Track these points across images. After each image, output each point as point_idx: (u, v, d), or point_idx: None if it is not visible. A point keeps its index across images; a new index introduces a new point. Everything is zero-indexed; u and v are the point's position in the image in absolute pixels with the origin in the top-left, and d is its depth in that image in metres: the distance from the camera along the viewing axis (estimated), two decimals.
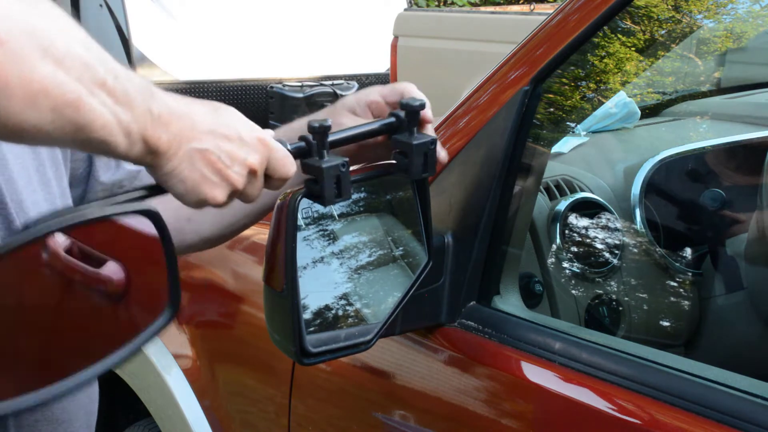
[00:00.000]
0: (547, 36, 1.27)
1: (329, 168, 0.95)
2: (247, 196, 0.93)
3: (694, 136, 2.13)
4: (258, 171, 0.91)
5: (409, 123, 1.02)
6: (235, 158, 0.89)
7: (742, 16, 2.05)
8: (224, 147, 0.89)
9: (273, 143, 0.93)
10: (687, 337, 1.76)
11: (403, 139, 1.03)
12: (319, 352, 1.04)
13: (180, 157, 0.86)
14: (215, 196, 0.89)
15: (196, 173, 0.87)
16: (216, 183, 0.88)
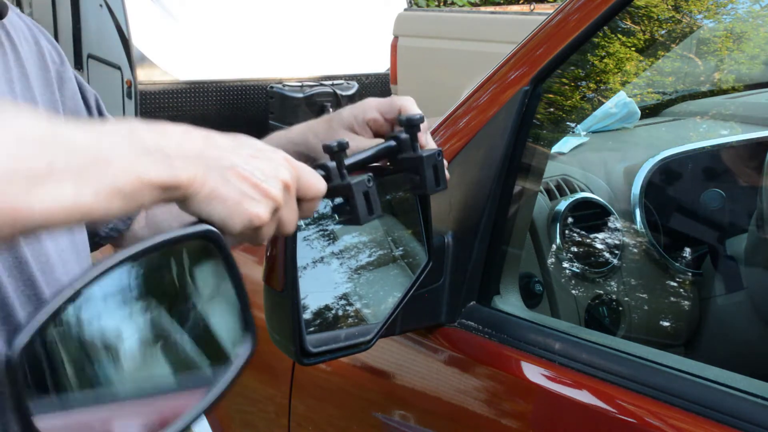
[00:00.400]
0: (547, 36, 1.27)
1: (358, 184, 0.92)
2: (284, 219, 0.86)
3: (694, 136, 2.13)
4: (291, 189, 0.85)
5: (412, 139, 1.00)
6: (267, 173, 0.83)
7: (742, 16, 2.05)
8: (254, 162, 0.83)
9: (297, 162, 0.89)
10: (687, 337, 1.76)
11: (409, 156, 1.01)
12: (319, 352, 1.04)
13: (214, 179, 0.81)
14: (259, 214, 0.82)
15: (234, 191, 0.81)
16: (257, 199, 0.82)
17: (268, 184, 0.83)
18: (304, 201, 0.88)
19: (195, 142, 0.83)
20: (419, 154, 1.00)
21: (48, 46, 1.18)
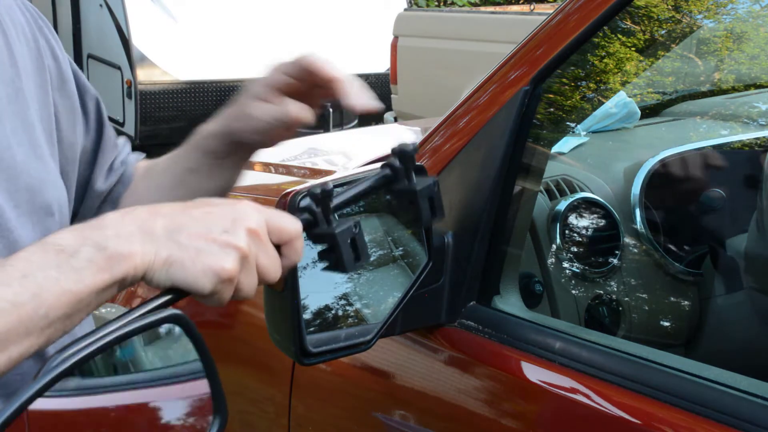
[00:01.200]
0: (547, 36, 1.27)
1: (343, 233, 0.89)
2: (262, 267, 0.84)
3: (694, 136, 2.13)
4: (261, 233, 0.83)
5: (406, 170, 0.97)
6: (225, 225, 0.82)
7: (742, 16, 2.05)
8: (207, 219, 0.82)
9: (264, 207, 0.86)
10: (687, 337, 1.77)
11: (403, 187, 0.97)
12: (319, 352, 1.04)
13: (165, 247, 0.80)
14: (224, 265, 0.79)
15: (189, 251, 0.80)
16: (217, 252, 0.80)
17: (228, 235, 0.81)
18: (284, 245, 0.86)
19: (136, 219, 0.81)
20: (413, 188, 0.96)
21: (46, 44, 1.16)
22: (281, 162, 2.51)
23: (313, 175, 2.24)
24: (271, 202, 1.93)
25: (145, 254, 0.79)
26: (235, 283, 0.82)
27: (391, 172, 0.96)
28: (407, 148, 0.96)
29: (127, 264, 0.78)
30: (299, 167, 2.42)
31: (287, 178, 2.36)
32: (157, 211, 0.82)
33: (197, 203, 0.85)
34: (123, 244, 0.78)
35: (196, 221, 0.81)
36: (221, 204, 0.84)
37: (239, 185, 1.29)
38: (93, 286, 0.77)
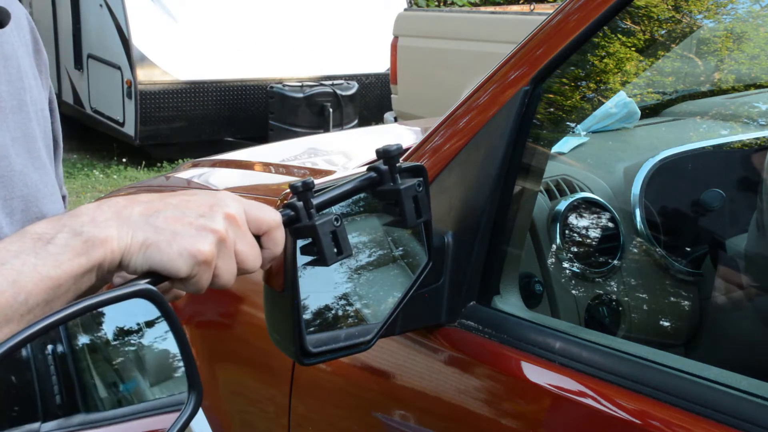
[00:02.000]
0: (547, 36, 1.27)
1: (323, 224, 0.90)
2: (240, 254, 0.84)
3: (694, 136, 2.13)
4: (239, 220, 0.83)
5: (391, 171, 0.97)
6: (202, 210, 0.82)
7: (742, 16, 2.05)
8: (185, 205, 0.82)
9: (243, 198, 0.87)
10: (687, 337, 1.76)
11: (387, 188, 0.98)
12: (319, 352, 1.04)
13: (142, 230, 0.80)
14: (200, 248, 0.80)
15: (166, 234, 0.80)
16: (194, 235, 0.80)
17: (206, 219, 0.81)
18: (264, 235, 0.86)
19: (113, 206, 0.81)
20: (397, 187, 0.97)
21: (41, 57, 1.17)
22: (281, 162, 2.52)
23: (313, 175, 2.24)
24: (272, 202, 1.94)
25: (121, 238, 0.79)
26: (213, 267, 0.82)
27: (376, 174, 0.97)
28: (391, 149, 0.96)
29: (103, 248, 0.78)
30: (299, 167, 2.42)
31: (287, 178, 2.36)
32: (134, 199, 0.83)
33: (176, 192, 0.85)
34: (99, 229, 0.79)
35: (174, 207, 0.82)
36: (200, 192, 0.85)
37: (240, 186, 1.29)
38: (71, 270, 0.77)
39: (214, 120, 7.65)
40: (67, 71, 8.45)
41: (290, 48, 7.77)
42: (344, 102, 7.48)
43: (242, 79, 7.69)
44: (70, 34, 8.22)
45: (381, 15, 7.72)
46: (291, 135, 6.76)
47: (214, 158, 2.71)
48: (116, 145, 8.11)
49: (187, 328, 1.87)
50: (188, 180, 2.43)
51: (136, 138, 7.51)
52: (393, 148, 0.97)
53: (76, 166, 7.75)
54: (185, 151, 7.46)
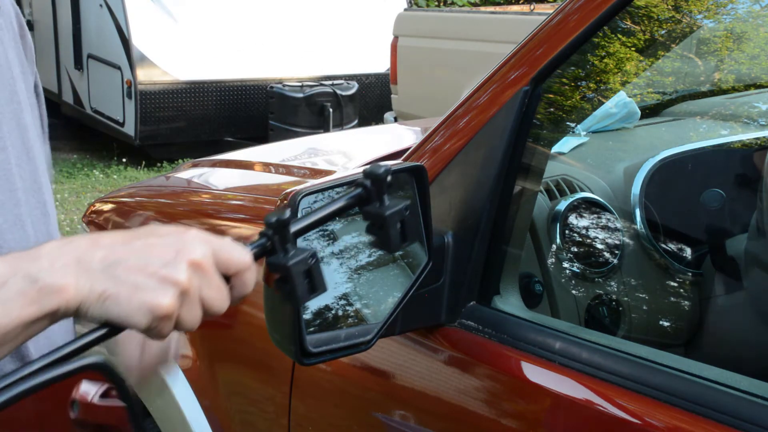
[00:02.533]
0: (547, 36, 1.27)
1: (296, 264, 0.85)
2: (207, 299, 0.81)
3: (694, 136, 2.13)
4: (205, 266, 0.80)
5: (378, 192, 0.92)
6: (166, 258, 0.79)
7: (742, 16, 2.05)
8: (148, 251, 0.79)
9: (213, 237, 0.83)
10: (687, 337, 1.76)
11: (373, 210, 0.93)
12: (319, 352, 1.04)
13: (100, 280, 0.77)
14: (160, 302, 0.77)
15: (125, 286, 0.77)
16: (154, 287, 0.77)
17: (169, 268, 0.78)
18: (233, 277, 0.84)
19: (75, 250, 0.79)
20: (382, 212, 0.92)
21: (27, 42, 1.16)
22: (281, 162, 2.52)
23: (313, 175, 2.24)
24: (272, 202, 1.94)
25: (79, 288, 0.76)
26: (175, 318, 0.79)
27: (364, 191, 0.93)
28: (378, 171, 0.92)
29: (58, 297, 0.76)
30: (299, 167, 2.42)
31: (287, 178, 2.36)
32: (97, 242, 0.80)
33: (141, 233, 0.82)
34: (56, 276, 0.76)
35: (137, 254, 0.79)
36: (166, 234, 0.82)
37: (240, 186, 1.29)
38: (19, 319, 0.75)
39: (214, 120, 7.65)
40: (67, 71, 8.45)
41: (290, 48, 7.77)
42: (344, 102, 7.48)
43: (242, 79, 7.69)
44: (70, 34, 8.21)
45: (381, 15, 7.71)
46: (291, 135, 6.76)
47: (214, 158, 2.71)
48: (116, 145, 8.10)
49: None
50: (188, 180, 2.43)
51: (136, 138, 7.50)
52: (380, 170, 0.92)
53: (76, 166, 7.75)
54: (185, 151, 7.45)
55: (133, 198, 2.35)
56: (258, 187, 2.32)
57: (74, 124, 8.56)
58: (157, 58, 7.38)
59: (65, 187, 7.01)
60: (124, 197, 2.38)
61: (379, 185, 0.92)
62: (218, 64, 7.56)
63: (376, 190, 0.92)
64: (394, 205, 0.93)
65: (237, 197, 2.16)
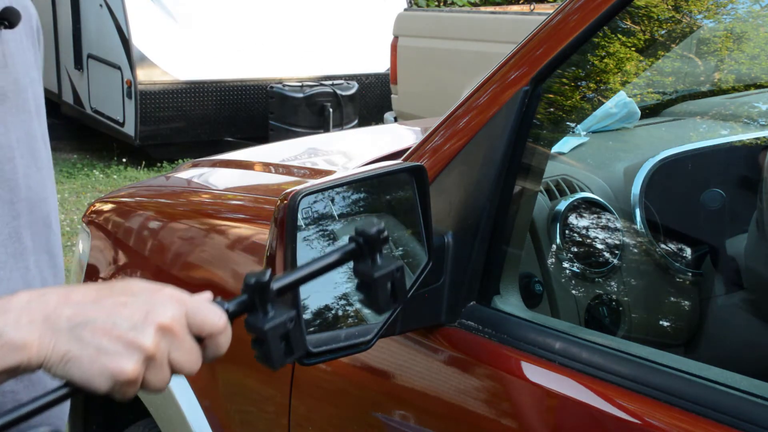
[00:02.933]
0: (547, 36, 1.27)
1: (273, 328, 0.83)
2: (176, 363, 0.79)
3: (694, 136, 2.13)
4: (175, 329, 0.79)
5: (370, 250, 0.90)
6: (135, 320, 0.77)
7: (742, 16, 2.05)
8: (118, 311, 0.77)
9: (188, 297, 0.82)
10: (687, 337, 1.76)
11: (364, 269, 0.90)
12: (319, 352, 1.04)
13: (64, 341, 0.76)
14: (123, 368, 0.75)
15: (89, 349, 0.76)
16: (119, 352, 0.76)
17: (136, 331, 0.77)
18: (206, 338, 0.82)
19: (44, 307, 0.77)
20: (372, 273, 0.89)
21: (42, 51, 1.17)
22: (281, 162, 2.51)
23: (313, 175, 2.24)
24: (272, 202, 1.94)
25: (42, 346, 0.76)
26: (139, 382, 0.78)
27: (356, 248, 0.90)
28: (369, 231, 0.89)
29: (20, 354, 0.75)
30: (299, 167, 2.42)
31: (287, 178, 2.36)
32: (68, 298, 0.79)
33: (114, 289, 0.81)
34: (21, 332, 0.75)
35: (106, 314, 0.77)
36: (139, 293, 0.80)
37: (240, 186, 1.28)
38: None
39: (214, 120, 7.65)
40: (67, 71, 8.44)
41: (290, 48, 7.76)
42: (344, 102, 7.48)
43: (242, 79, 7.69)
44: (70, 34, 8.21)
45: (381, 15, 7.71)
46: (291, 135, 6.76)
47: (214, 158, 2.71)
48: (116, 145, 8.10)
49: None
50: (188, 180, 2.43)
51: (136, 138, 7.50)
52: (373, 230, 0.89)
53: (76, 166, 7.75)
54: (185, 151, 7.45)
55: (133, 198, 2.35)
56: (258, 187, 2.32)
57: (74, 124, 8.56)
58: (157, 58, 7.38)
59: (65, 187, 7.01)
60: (124, 197, 2.38)
61: (372, 244, 0.90)
62: (218, 64, 7.56)
63: (368, 249, 0.90)
64: (385, 265, 0.90)
65: (237, 197, 2.16)
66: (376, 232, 0.89)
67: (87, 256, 2.32)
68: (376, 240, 0.89)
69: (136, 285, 0.81)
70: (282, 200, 1.05)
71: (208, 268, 1.87)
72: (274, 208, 1.08)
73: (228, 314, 0.84)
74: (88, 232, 2.35)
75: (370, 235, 0.89)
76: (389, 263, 0.90)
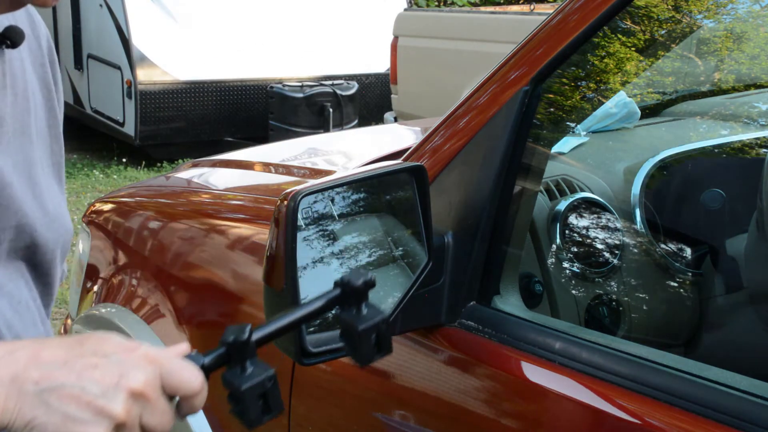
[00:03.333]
0: (547, 36, 1.27)
1: (251, 388, 0.80)
2: (147, 428, 0.77)
3: (694, 136, 2.13)
4: (148, 394, 0.76)
5: (356, 299, 0.86)
6: (106, 384, 0.74)
7: (742, 16, 2.05)
8: (89, 374, 0.74)
9: (163, 356, 0.79)
10: (687, 337, 1.76)
11: (348, 318, 0.86)
12: (319, 352, 1.04)
13: (31, 406, 0.73)
14: None
15: (56, 416, 0.73)
16: (88, 420, 0.73)
17: (106, 398, 0.74)
18: (181, 399, 0.79)
19: (12, 366, 0.74)
20: (356, 325, 0.86)
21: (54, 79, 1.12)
22: (281, 162, 2.52)
23: (313, 175, 2.24)
24: (272, 202, 1.94)
25: (6, 410, 0.73)
26: None
27: (342, 294, 0.86)
28: (355, 281, 0.85)
29: None
30: (299, 167, 2.42)
31: (287, 178, 2.36)
32: (37, 358, 0.75)
33: (86, 348, 0.77)
34: None
35: (75, 377, 0.74)
36: (111, 353, 0.77)
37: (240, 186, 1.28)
38: None
39: (214, 120, 7.65)
40: (67, 71, 8.45)
41: (290, 48, 7.77)
42: (344, 102, 7.48)
43: (242, 79, 7.69)
44: (70, 34, 8.21)
45: (381, 15, 7.72)
46: (291, 135, 6.76)
47: (214, 158, 2.71)
48: (116, 145, 8.11)
49: (186, 328, 1.87)
50: (188, 180, 2.43)
51: (136, 138, 7.51)
52: (359, 281, 0.85)
53: (76, 166, 7.75)
54: (185, 151, 7.46)
55: (133, 198, 2.35)
56: (258, 187, 2.32)
57: (74, 124, 8.56)
58: (157, 58, 7.38)
59: (65, 187, 7.01)
60: (124, 197, 2.38)
61: (358, 295, 0.86)
62: (218, 64, 7.56)
63: (354, 298, 0.86)
64: (371, 316, 0.86)
65: (237, 197, 2.16)
66: (363, 284, 0.86)
67: (87, 256, 2.32)
68: (361, 291, 0.86)
69: (109, 343, 0.78)
70: (282, 200, 1.05)
71: (208, 268, 1.87)
72: (274, 208, 1.08)
73: (204, 370, 0.81)
74: (88, 232, 2.35)
75: (356, 287, 0.85)
76: (375, 315, 0.86)
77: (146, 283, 2.04)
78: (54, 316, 4.61)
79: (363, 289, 0.86)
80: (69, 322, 2.43)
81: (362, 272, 0.86)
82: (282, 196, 1.06)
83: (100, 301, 2.19)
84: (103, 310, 2.14)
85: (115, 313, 2.07)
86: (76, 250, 2.43)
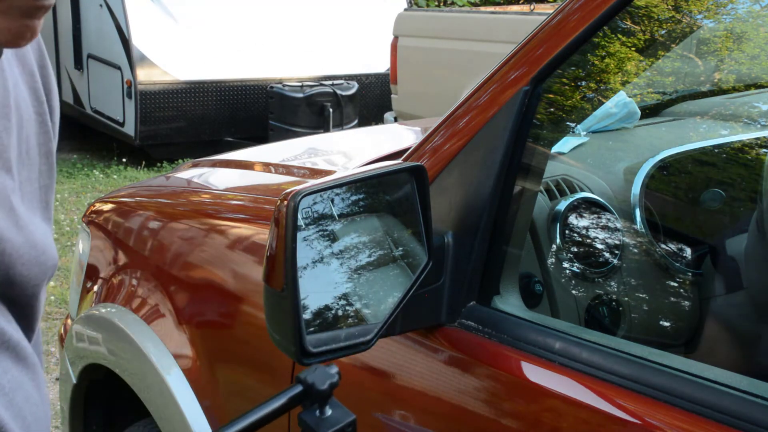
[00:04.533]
0: (547, 36, 1.27)
1: None
2: None
3: (694, 136, 2.13)
4: None
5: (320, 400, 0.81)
6: None
7: (742, 16, 2.05)
8: None
9: None
10: (687, 337, 1.76)
11: (310, 420, 0.81)
12: (319, 352, 1.04)
13: None
14: None
15: None
16: None
17: None
18: None
19: None
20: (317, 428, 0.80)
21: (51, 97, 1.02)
22: (281, 162, 2.51)
23: (313, 175, 2.24)
24: (272, 202, 1.94)
25: None
26: None
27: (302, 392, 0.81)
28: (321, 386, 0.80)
29: None
30: (299, 167, 2.42)
31: (287, 178, 2.36)
32: None
33: None
34: None
35: None
36: None
37: (240, 186, 1.28)
38: None
39: (214, 120, 7.65)
40: (67, 71, 8.45)
41: (290, 48, 7.77)
42: (344, 102, 7.48)
43: (242, 79, 7.70)
44: (70, 34, 8.22)
45: (381, 15, 7.72)
46: (291, 135, 6.76)
47: (214, 158, 2.71)
48: (116, 145, 8.11)
49: (186, 328, 1.87)
50: (188, 180, 2.43)
51: (136, 138, 7.51)
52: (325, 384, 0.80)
53: (76, 166, 7.75)
54: (185, 151, 7.46)
55: (133, 198, 2.35)
56: (258, 187, 2.32)
57: (74, 124, 8.56)
58: (157, 58, 7.38)
59: (65, 187, 7.01)
60: (124, 197, 2.38)
61: (322, 397, 0.80)
62: (218, 64, 7.56)
63: (318, 398, 0.80)
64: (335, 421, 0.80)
65: (237, 197, 2.16)
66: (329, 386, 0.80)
67: (87, 256, 2.32)
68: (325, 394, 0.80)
69: None
70: (282, 200, 1.05)
71: (208, 268, 1.87)
72: (274, 208, 1.08)
73: None
74: (88, 232, 2.35)
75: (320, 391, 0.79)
76: (342, 418, 0.80)
77: (146, 283, 2.04)
78: (54, 316, 4.60)
79: (328, 392, 0.80)
80: (69, 322, 2.43)
81: (330, 374, 0.80)
82: (282, 196, 1.06)
83: (100, 301, 2.19)
84: (103, 310, 2.14)
85: (115, 313, 2.07)
86: (76, 250, 2.43)
